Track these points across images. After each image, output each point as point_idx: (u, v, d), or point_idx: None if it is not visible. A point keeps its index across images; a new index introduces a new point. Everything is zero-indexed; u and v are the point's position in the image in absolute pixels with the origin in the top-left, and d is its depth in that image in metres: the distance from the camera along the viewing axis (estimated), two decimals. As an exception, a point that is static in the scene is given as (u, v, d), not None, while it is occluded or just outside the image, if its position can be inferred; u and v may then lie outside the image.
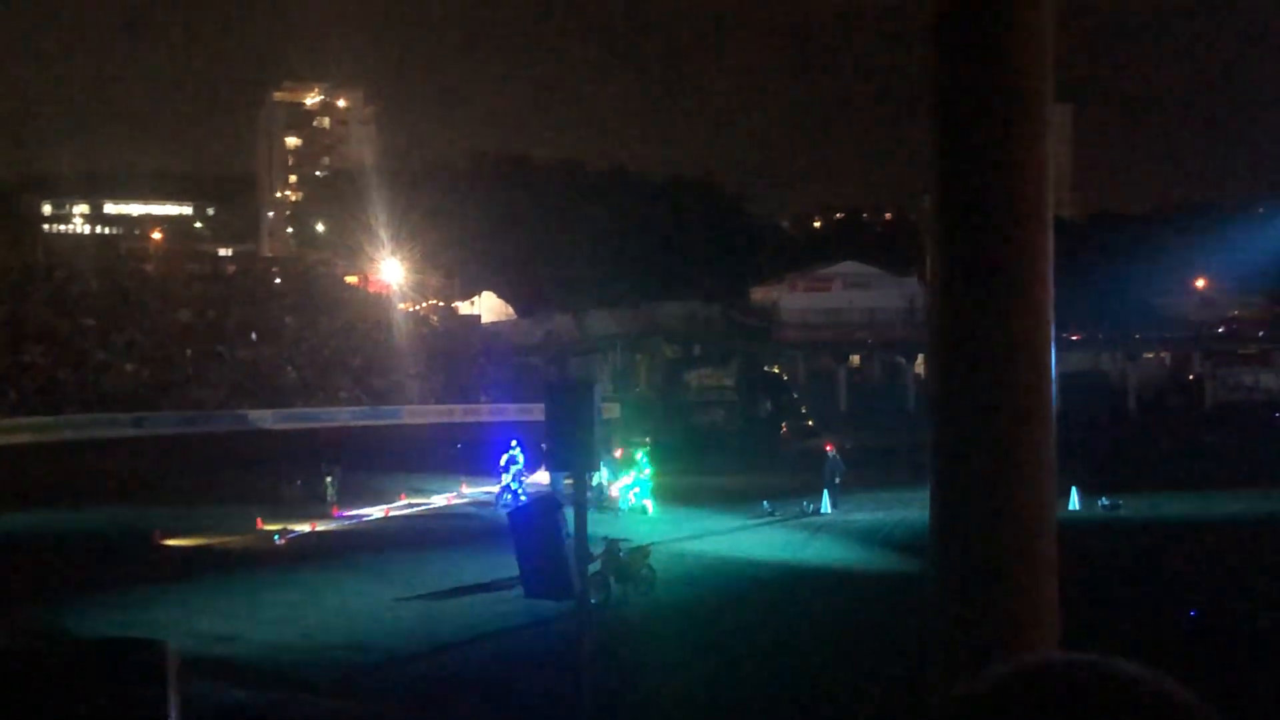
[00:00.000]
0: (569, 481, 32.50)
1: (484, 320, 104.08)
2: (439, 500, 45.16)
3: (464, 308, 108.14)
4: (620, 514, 39.68)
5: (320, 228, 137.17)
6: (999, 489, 5.15)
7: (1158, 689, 1.39)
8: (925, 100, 5.33)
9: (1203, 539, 33.78)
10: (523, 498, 38.64)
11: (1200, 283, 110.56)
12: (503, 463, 42.66)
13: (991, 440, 5.16)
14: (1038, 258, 5.20)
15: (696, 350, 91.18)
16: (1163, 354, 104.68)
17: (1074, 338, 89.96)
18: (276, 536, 36.10)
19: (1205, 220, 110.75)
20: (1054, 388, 5.28)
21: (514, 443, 42.76)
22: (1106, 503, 39.95)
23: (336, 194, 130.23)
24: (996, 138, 5.16)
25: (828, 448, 43.09)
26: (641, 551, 28.54)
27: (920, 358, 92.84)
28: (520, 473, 42.36)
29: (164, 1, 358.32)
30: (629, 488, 41.50)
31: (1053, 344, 5.27)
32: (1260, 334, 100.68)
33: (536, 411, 49.37)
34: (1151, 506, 40.56)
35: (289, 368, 68.75)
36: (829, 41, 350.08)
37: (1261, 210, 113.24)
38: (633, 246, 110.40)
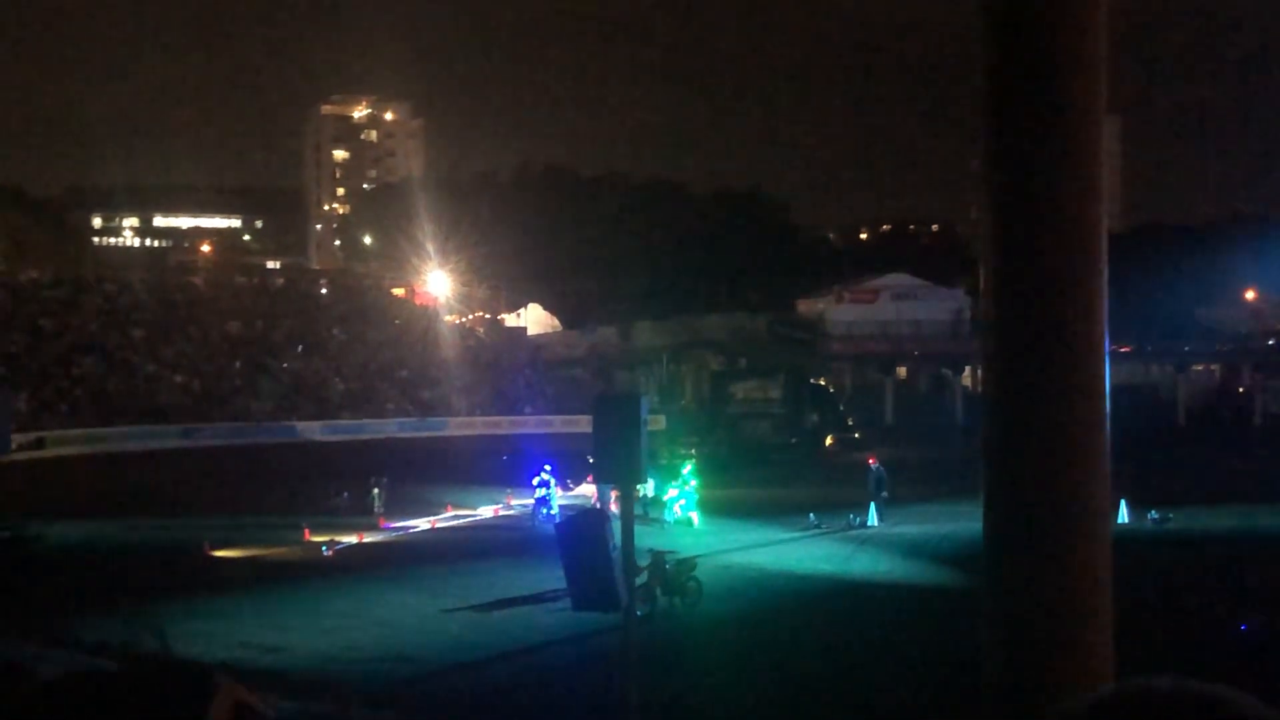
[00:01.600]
0: (616, 494, 32.63)
1: (530, 332, 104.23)
2: (485, 512, 45.20)
3: (510, 320, 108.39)
4: (666, 526, 39.64)
5: (368, 240, 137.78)
6: (1053, 499, 5.13)
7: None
8: (980, 112, 5.33)
9: (1252, 553, 33.45)
10: (555, 513, 38.62)
11: (1250, 294, 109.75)
12: (535, 483, 42.73)
13: (1046, 450, 5.15)
14: (1091, 269, 5.19)
15: (742, 363, 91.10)
16: (1212, 366, 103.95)
17: (1123, 350, 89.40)
18: (324, 548, 36.21)
19: (1255, 232, 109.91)
20: (1108, 402, 5.26)
21: (546, 467, 42.81)
22: (1156, 516, 39.66)
23: (384, 206, 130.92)
24: (1051, 149, 5.15)
25: (870, 461, 42.90)
26: (688, 564, 28.50)
27: (967, 370, 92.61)
28: (546, 497, 42.27)
29: (213, 15, 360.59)
30: (675, 500, 41.47)
31: (1107, 355, 5.25)
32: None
33: (582, 424, 49.45)
34: (1201, 520, 40.24)
35: (336, 379, 69.03)
36: (877, 54, 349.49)
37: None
38: (678, 259, 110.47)
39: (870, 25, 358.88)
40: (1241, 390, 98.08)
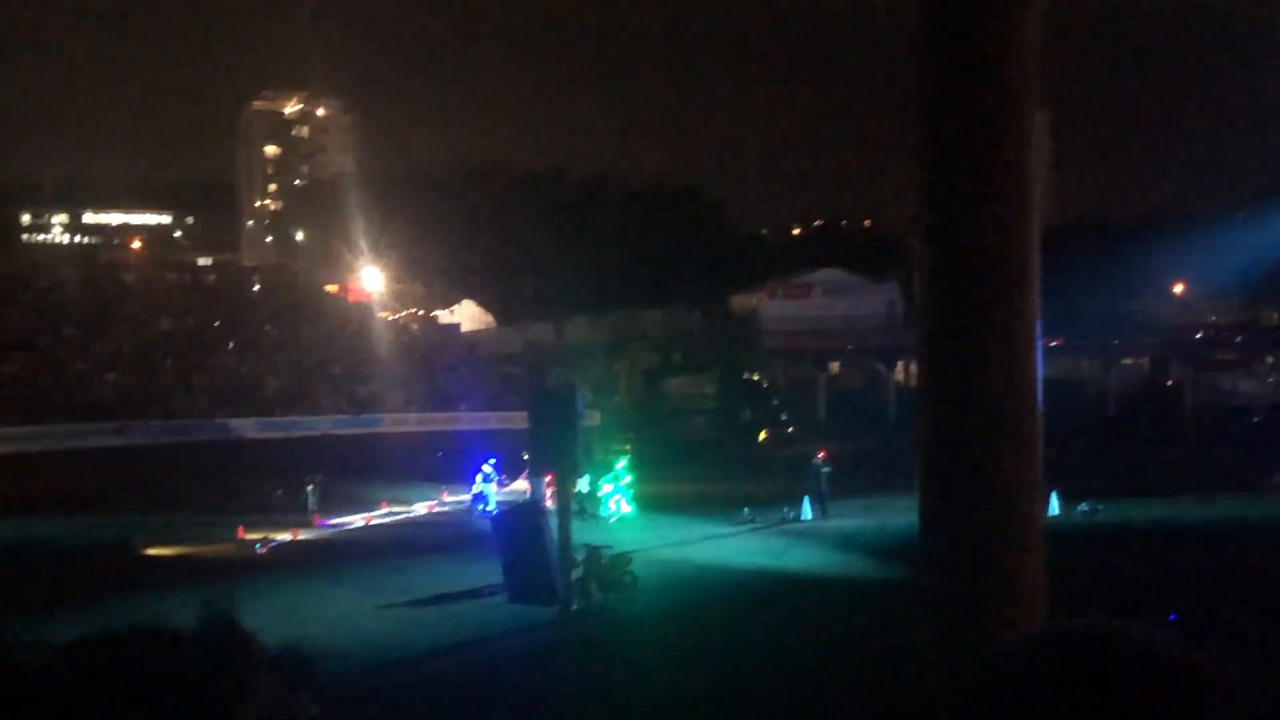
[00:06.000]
0: (550, 489, 32.70)
1: (464, 329, 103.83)
2: (420, 508, 45.19)
3: (444, 316, 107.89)
4: (601, 521, 39.76)
5: (300, 236, 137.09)
6: (986, 487, 5.22)
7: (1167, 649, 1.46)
8: (914, 105, 5.41)
9: (1181, 544, 33.89)
10: (492, 509, 38.75)
11: (1179, 288, 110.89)
12: (479, 479, 42.82)
13: (979, 439, 5.23)
14: (1024, 261, 5.27)
15: (677, 358, 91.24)
16: (1142, 360, 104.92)
17: (1054, 344, 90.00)
18: (258, 545, 36.12)
19: (1183, 226, 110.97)
20: (1040, 388, 5.34)
21: (491, 461, 42.94)
22: (1086, 508, 40.10)
23: (316, 203, 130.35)
24: (984, 141, 5.23)
25: (821, 455, 43.12)
26: (623, 558, 28.57)
27: (900, 365, 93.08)
28: (483, 493, 42.39)
29: (142, 10, 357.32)
30: (610, 495, 41.58)
31: (1039, 345, 5.34)
32: (1238, 339, 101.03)
33: (517, 420, 49.44)
34: (1130, 511, 40.71)
35: (270, 376, 68.66)
36: (808, 50, 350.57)
37: (1239, 215, 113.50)
38: (613, 255, 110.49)
39: (800, 17, 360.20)
40: (1170, 383, 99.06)
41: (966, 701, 1.50)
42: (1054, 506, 37.90)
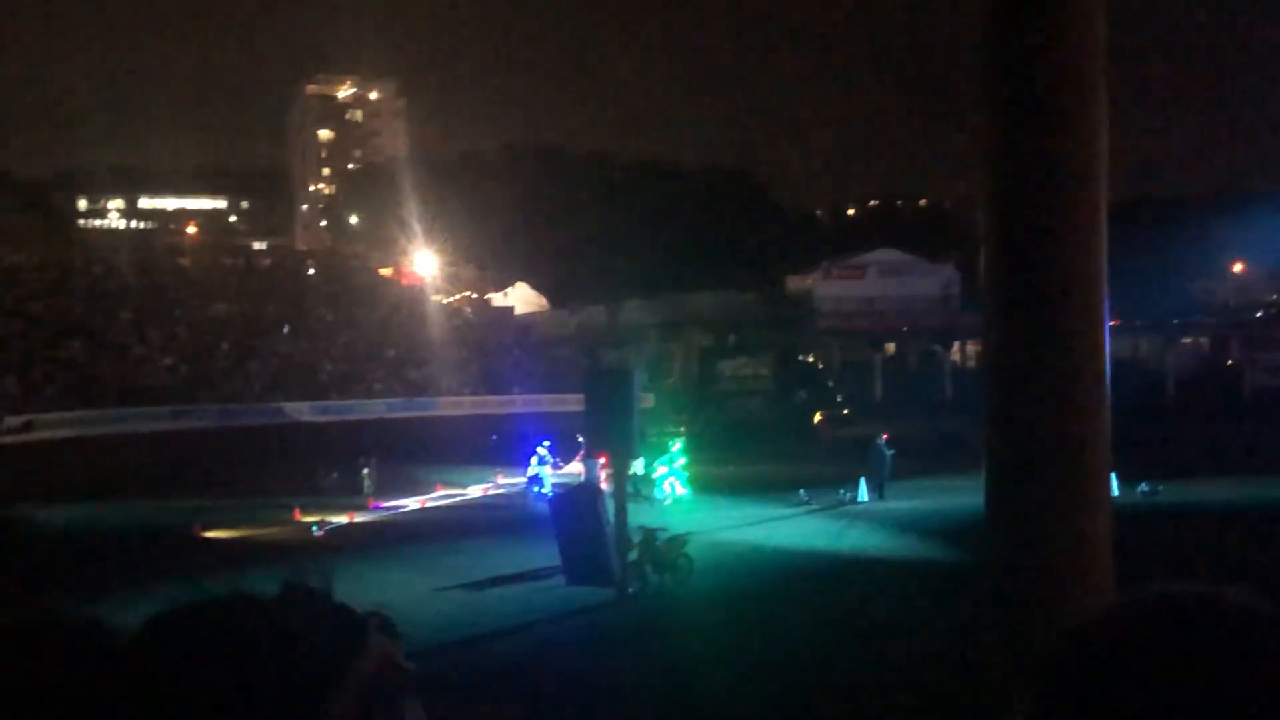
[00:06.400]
0: (605, 471, 32.67)
1: (517, 312, 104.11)
2: (475, 490, 45.28)
3: (497, 299, 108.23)
4: (656, 503, 39.74)
5: (354, 220, 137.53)
6: (1054, 470, 5.12)
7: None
8: (979, 86, 5.30)
9: (1242, 525, 33.56)
10: (547, 491, 38.84)
11: (1238, 267, 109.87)
12: (534, 461, 42.96)
13: (1047, 417, 5.13)
14: (1092, 239, 5.16)
15: (731, 340, 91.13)
16: (1200, 339, 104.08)
17: (1112, 323, 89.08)
18: (314, 528, 36.26)
19: (1242, 204, 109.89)
20: (1108, 370, 5.24)
21: (545, 443, 43.06)
22: (1146, 488, 39.78)
23: (370, 187, 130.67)
24: (1050, 119, 5.13)
25: (885, 437, 42.94)
26: (678, 540, 28.53)
27: (956, 345, 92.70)
28: (539, 475, 42.52)
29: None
30: (665, 477, 41.57)
31: (1107, 326, 5.23)
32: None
33: (571, 402, 49.51)
34: (1191, 492, 40.36)
35: (324, 360, 68.97)
36: (864, 28, 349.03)
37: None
38: (666, 237, 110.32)
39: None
40: (1230, 363, 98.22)
41: (1059, 671, 1.42)
42: (1114, 487, 37.58)
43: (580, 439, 39.45)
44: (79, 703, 1.55)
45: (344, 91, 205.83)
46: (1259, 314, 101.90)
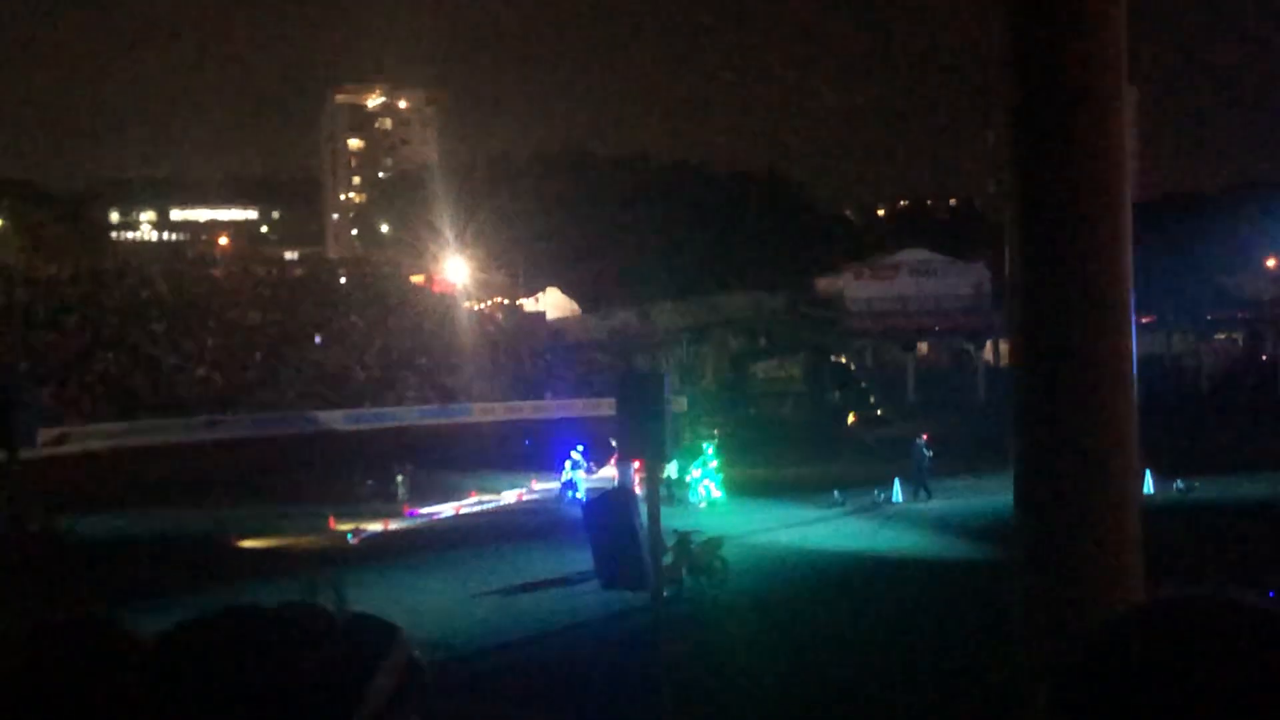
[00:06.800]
0: (639, 475, 32.68)
1: (549, 317, 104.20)
2: (509, 496, 45.29)
3: (529, 305, 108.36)
4: (691, 506, 39.73)
5: (385, 228, 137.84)
6: (1083, 465, 5.15)
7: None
8: (1001, 87, 5.33)
9: (1276, 521, 33.39)
10: (581, 496, 38.90)
11: (1271, 262, 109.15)
12: (568, 465, 43.08)
13: (1075, 416, 5.16)
14: (1117, 241, 5.19)
15: (763, 342, 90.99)
16: (1235, 335, 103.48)
17: (1145, 320, 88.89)
18: (350, 536, 36.33)
19: (1275, 199, 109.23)
20: (1135, 368, 5.27)
21: (579, 448, 43.17)
22: (1181, 485, 39.60)
23: (400, 194, 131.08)
24: (1073, 123, 5.15)
25: (924, 437, 42.84)
26: (713, 543, 28.55)
27: (988, 345, 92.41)
28: (573, 480, 42.62)
29: (224, 6, 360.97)
30: (699, 480, 41.56)
31: (1133, 325, 5.26)
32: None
33: (603, 406, 49.52)
34: (1226, 489, 40.18)
35: (357, 368, 69.16)
36: (892, 29, 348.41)
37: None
38: (696, 240, 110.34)
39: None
40: (1265, 359, 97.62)
41: (1086, 669, 1.47)
42: (1148, 484, 37.47)
43: (613, 443, 39.48)
44: (103, 700, 1.60)
45: (374, 100, 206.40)
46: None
